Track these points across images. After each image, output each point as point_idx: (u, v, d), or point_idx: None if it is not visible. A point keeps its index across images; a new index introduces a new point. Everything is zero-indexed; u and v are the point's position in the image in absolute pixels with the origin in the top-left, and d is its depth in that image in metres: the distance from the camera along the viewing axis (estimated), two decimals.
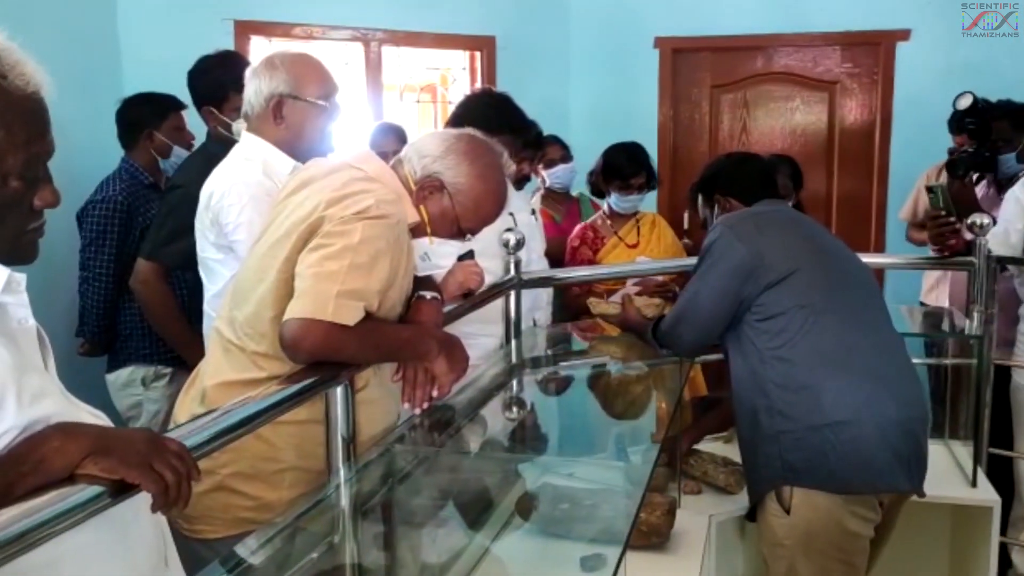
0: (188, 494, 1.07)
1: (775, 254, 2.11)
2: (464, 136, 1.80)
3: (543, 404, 2.57)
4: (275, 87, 2.06)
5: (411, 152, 1.79)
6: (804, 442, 2.03)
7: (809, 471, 2.03)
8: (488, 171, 1.77)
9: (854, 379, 2.02)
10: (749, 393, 2.12)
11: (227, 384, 1.64)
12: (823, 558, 2.06)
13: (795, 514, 2.05)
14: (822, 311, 2.05)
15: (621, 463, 2.32)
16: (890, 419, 2.02)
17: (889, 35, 4.39)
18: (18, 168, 1.01)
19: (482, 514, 2.03)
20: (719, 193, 2.36)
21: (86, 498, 0.99)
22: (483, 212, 1.78)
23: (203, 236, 2.16)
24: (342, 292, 1.52)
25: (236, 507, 1.66)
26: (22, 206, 1.03)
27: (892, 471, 2.03)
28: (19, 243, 1.05)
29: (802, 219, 2.36)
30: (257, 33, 4.01)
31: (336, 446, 1.60)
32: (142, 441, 1.06)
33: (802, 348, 2.04)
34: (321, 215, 1.59)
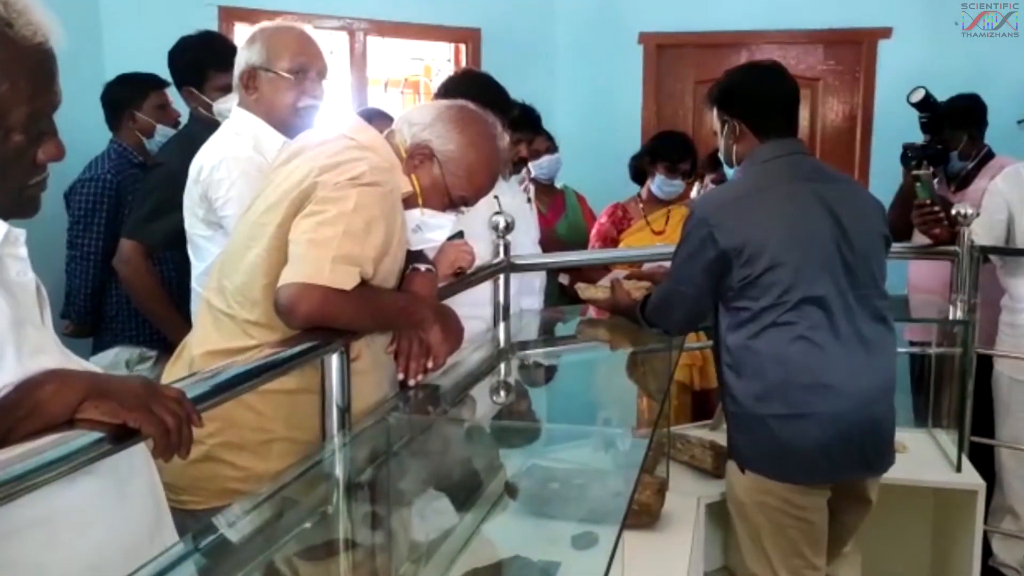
0: (189, 438, 1.05)
1: (757, 245, 2.01)
2: (455, 105, 1.78)
3: (530, 387, 2.57)
4: (250, 58, 2.06)
5: (401, 122, 1.78)
6: (747, 426, 2.08)
7: (749, 453, 2.10)
8: (479, 139, 1.75)
9: (808, 376, 2.01)
10: (720, 365, 2.16)
11: (216, 352, 1.61)
12: (777, 514, 2.09)
13: (748, 475, 2.11)
14: (794, 305, 2.01)
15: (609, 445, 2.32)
16: (841, 410, 2.02)
17: (871, 33, 4.44)
18: (21, 122, 0.98)
19: (471, 494, 2.02)
20: (731, 114, 2.16)
21: (86, 443, 0.97)
22: (475, 181, 1.76)
23: (191, 212, 2.13)
24: (338, 257, 1.51)
25: (224, 478, 1.63)
26: (24, 160, 1.01)
27: (833, 466, 2.05)
28: (21, 197, 1.03)
29: (812, 176, 2.15)
30: (241, 20, 3.97)
31: (331, 414, 1.58)
32: (139, 385, 1.04)
33: (761, 339, 2.03)
34: (314, 181, 1.58)
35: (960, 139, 3.35)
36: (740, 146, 2.17)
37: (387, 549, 1.71)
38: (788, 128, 2.16)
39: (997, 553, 3.04)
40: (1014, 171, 3.01)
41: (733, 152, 2.19)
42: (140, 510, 1.15)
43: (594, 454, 2.28)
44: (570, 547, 1.82)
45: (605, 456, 2.29)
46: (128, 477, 1.12)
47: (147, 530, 1.16)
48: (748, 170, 2.15)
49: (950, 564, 2.74)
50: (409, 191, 1.73)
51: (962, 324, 2.67)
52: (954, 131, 3.33)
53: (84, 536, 1.04)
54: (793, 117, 2.19)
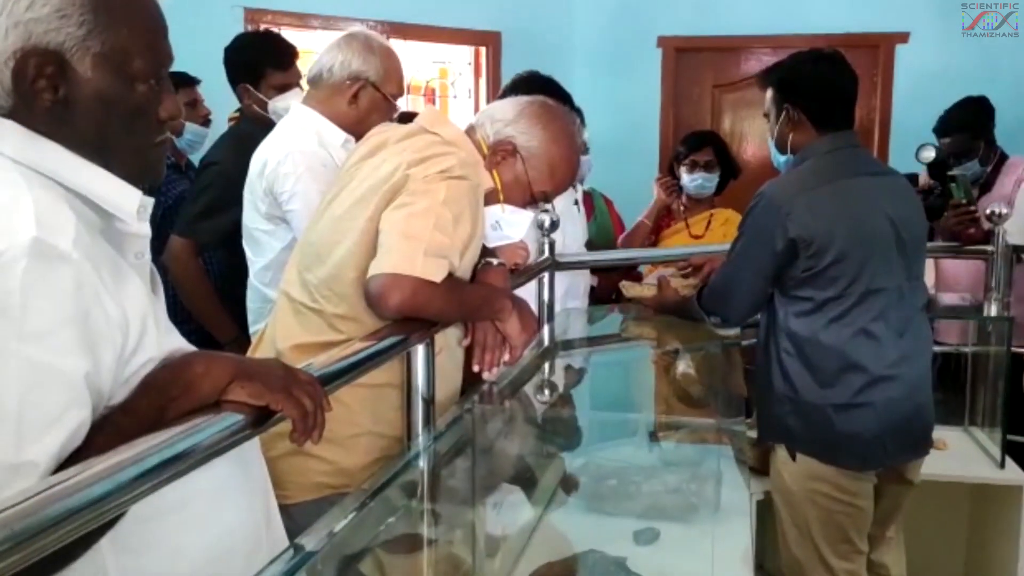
0: (323, 423, 1.05)
1: (823, 239, 2.02)
2: (536, 101, 1.79)
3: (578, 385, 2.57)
4: (365, 70, 2.06)
5: (483, 118, 1.79)
6: (805, 413, 2.09)
7: (807, 440, 2.11)
8: (561, 135, 1.76)
9: (866, 366, 2.05)
10: (768, 349, 2.16)
11: (304, 346, 1.62)
12: (827, 500, 2.11)
13: (800, 461, 2.12)
14: (855, 299, 2.05)
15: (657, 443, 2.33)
16: (891, 403, 2.06)
17: (888, 37, 4.48)
18: (144, 71, 0.96)
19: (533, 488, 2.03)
20: (793, 102, 2.13)
21: (232, 425, 0.97)
22: (557, 176, 1.78)
23: (253, 206, 2.13)
24: (429, 249, 1.51)
25: (313, 471, 1.62)
26: (149, 115, 0.98)
27: (885, 452, 2.10)
28: (148, 158, 1.01)
29: (870, 171, 2.17)
30: (267, 22, 3.97)
31: (417, 407, 1.58)
32: (280, 367, 1.04)
33: (824, 332, 2.06)
34: (405, 174, 1.58)
35: (979, 148, 3.40)
36: (797, 135, 2.15)
37: (467, 541, 1.71)
38: (847, 121, 2.16)
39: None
40: None
41: (788, 140, 2.17)
42: (259, 496, 1.15)
43: (644, 452, 2.29)
44: (632, 543, 1.84)
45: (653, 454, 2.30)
46: (251, 463, 1.13)
47: (263, 516, 1.16)
48: (812, 161, 2.14)
49: (987, 561, 2.77)
50: (491, 187, 1.74)
51: (1003, 321, 2.69)
52: (974, 141, 3.38)
53: (216, 519, 1.05)
54: (852, 110, 2.18)
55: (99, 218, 0.96)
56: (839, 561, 2.14)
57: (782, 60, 2.25)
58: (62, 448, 0.83)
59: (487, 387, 1.83)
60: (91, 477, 0.78)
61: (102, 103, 0.94)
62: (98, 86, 0.93)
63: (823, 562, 2.15)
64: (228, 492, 1.07)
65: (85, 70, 0.92)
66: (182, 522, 1.00)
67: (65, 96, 0.92)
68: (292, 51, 2.67)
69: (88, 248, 0.88)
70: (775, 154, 2.27)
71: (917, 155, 3.28)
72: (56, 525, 0.72)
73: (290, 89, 2.56)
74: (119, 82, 0.94)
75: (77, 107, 0.93)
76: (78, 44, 0.91)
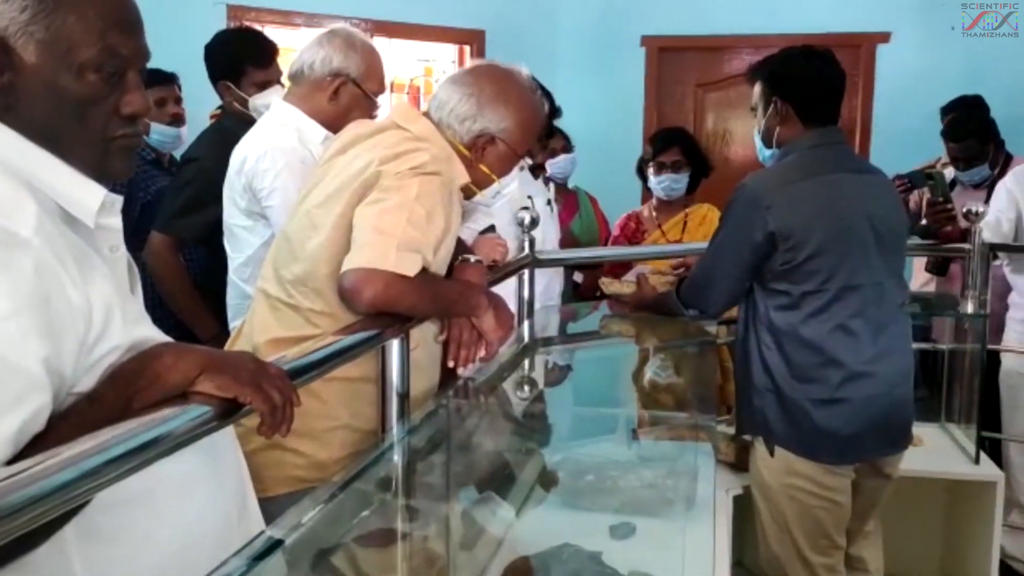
0: (292, 417, 1.06)
1: (798, 234, 2.04)
2: (484, 79, 1.77)
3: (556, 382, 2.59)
4: (346, 67, 2.06)
5: (447, 118, 1.75)
6: (785, 408, 2.11)
7: (785, 433, 2.12)
8: (520, 96, 1.78)
9: (845, 361, 2.07)
10: (747, 342, 2.18)
11: (280, 341, 1.62)
12: (806, 496, 2.13)
13: (778, 457, 2.14)
14: (834, 294, 2.06)
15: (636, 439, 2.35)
16: (870, 399, 2.08)
17: (870, 37, 4.52)
18: (93, 61, 0.95)
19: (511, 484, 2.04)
20: (781, 95, 2.15)
21: (198, 417, 0.97)
22: (532, 132, 1.84)
23: (232, 202, 2.13)
24: (402, 244, 1.52)
25: (289, 465, 1.63)
26: (105, 106, 0.98)
27: (863, 447, 2.12)
28: (106, 151, 0.99)
29: (850, 167, 2.19)
30: (249, 19, 3.97)
31: (391, 402, 1.59)
32: (250, 361, 1.05)
33: (804, 327, 2.08)
34: (377, 170, 1.59)
35: (988, 153, 3.45)
36: (784, 129, 2.16)
37: (442, 535, 1.72)
38: (833, 117, 2.18)
39: (1005, 546, 3.08)
40: (1022, 170, 3.11)
41: (775, 134, 2.19)
42: (230, 487, 1.16)
43: (622, 448, 2.31)
44: (608, 537, 1.85)
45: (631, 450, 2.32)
46: (222, 454, 1.13)
47: (236, 508, 1.16)
48: (795, 155, 2.16)
49: (963, 556, 2.79)
50: (466, 181, 1.75)
51: (977, 318, 2.72)
52: (983, 146, 3.44)
53: (184, 510, 1.05)
54: (839, 106, 2.20)
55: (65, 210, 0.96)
56: (817, 556, 2.16)
57: (773, 55, 2.26)
58: (20, 431, 0.83)
59: (463, 382, 1.84)
60: (55, 465, 0.79)
61: (48, 91, 0.94)
62: (43, 73, 0.93)
63: (801, 557, 2.17)
64: (197, 483, 1.07)
65: (29, 56, 0.92)
66: (149, 512, 1.00)
67: (10, 82, 0.92)
68: (272, 48, 2.67)
69: (51, 236, 0.89)
70: (760, 148, 2.28)
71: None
72: (18, 512, 0.73)
73: (271, 86, 2.56)
74: (65, 70, 0.94)
75: (23, 93, 0.93)
76: (21, 29, 0.91)
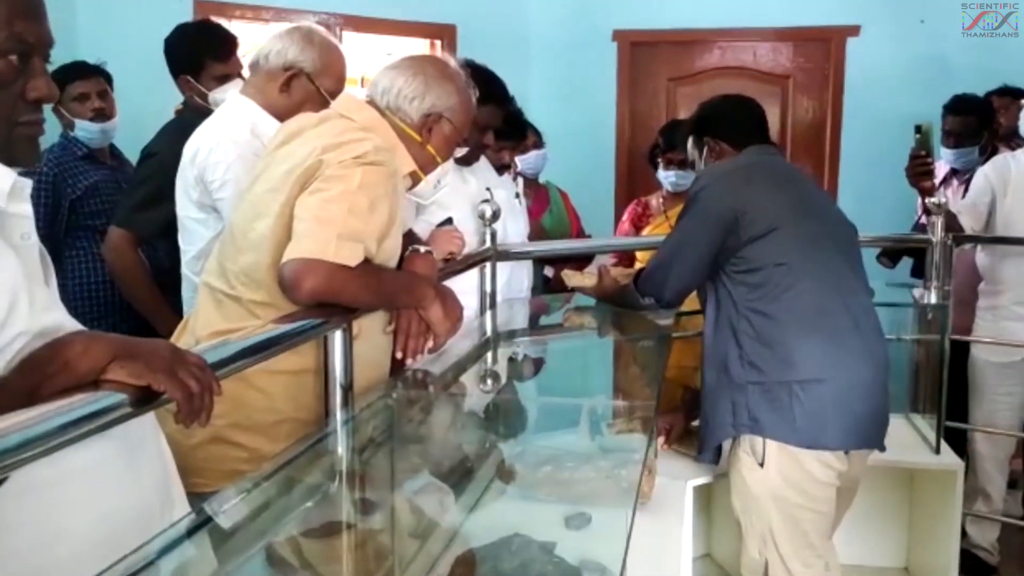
0: (211, 406, 1.05)
1: (759, 209, 2.12)
2: (424, 62, 1.82)
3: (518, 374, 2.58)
4: (300, 60, 2.06)
5: (392, 102, 1.76)
6: (771, 395, 2.10)
7: (773, 424, 2.11)
8: (459, 78, 1.82)
9: (825, 340, 2.09)
10: (722, 341, 2.18)
11: (222, 333, 1.61)
12: (793, 507, 2.13)
13: (768, 466, 2.12)
14: (801, 271, 2.10)
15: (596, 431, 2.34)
16: (855, 381, 2.10)
17: (839, 31, 4.52)
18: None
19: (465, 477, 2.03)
20: (710, 135, 2.31)
21: (107, 405, 0.96)
22: (470, 114, 1.86)
23: (185, 194, 2.12)
24: (343, 234, 1.51)
25: (232, 459, 1.62)
26: (10, 91, 0.98)
27: (851, 430, 2.12)
28: (12, 136, 0.99)
29: (792, 173, 2.36)
30: (216, 13, 3.93)
31: (334, 393, 1.58)
32: (166, 348, 1.04)
33: (778, 304, 2.09)
34: (319, 159, 1.58)
35: (983, 136, 3.48)
36: (720, 161, 2.29)
37: (387, 528, 1.71)
38: (763, 138, 2.32)
39: (971, 535, 3.11)
40: (1003, 158, 3.15)
41: None
42: (149, 479, 1.14)
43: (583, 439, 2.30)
44: (564, 527, 1.84)
45: (593, 441, 2.31)
46: (139, 445, 1.11)
47: (157, 500, 1.15)
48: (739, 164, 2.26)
49: (928, 545, 2.81)
50: (411, 170, 1.74)
51: (938, 309, 2.73)
52: (980, 127, 3.46)
53: (95, 500, 1.03)
54: (766, 130, 2.36)
55: None
56: (802, 568, 2.15)
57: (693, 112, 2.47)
58: None
59: (411, 373, 1.83)
60: None
61: None
62: None
63: (785, 568, 2.16)
64: (112, 473, 1.06)
65: None
66: (58, 501, 0.99)
67: None
68: (232, 41, 2.65)
69: None
70: None
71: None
72: None
73: (231, 80, 2.54)
74: None
75: None
76: None
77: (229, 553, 1.30)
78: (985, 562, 3.12)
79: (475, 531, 1.82)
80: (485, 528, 1.86)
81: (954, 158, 3.50)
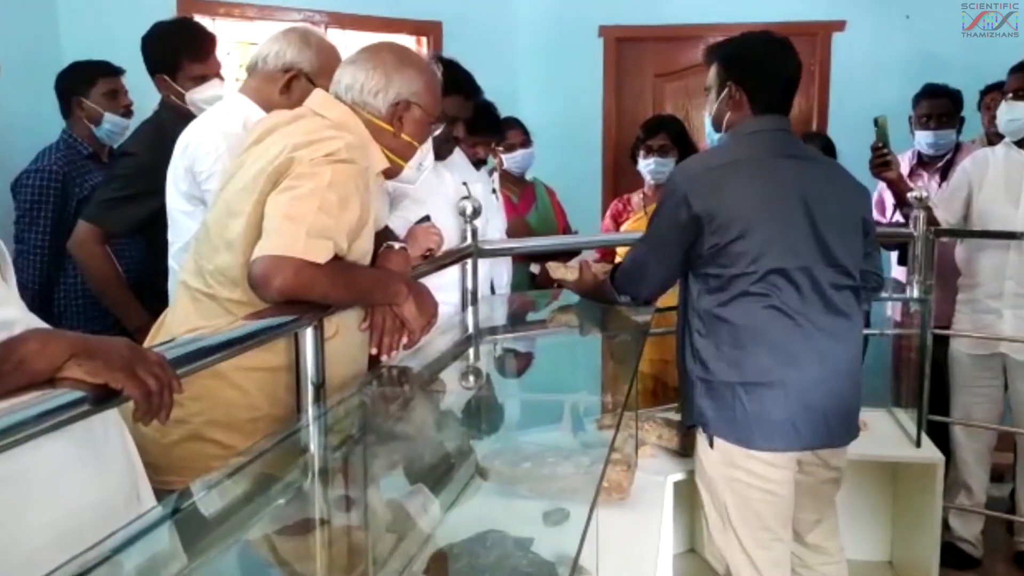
0: (170, 404, 1.05)
1: (727, 216, 2.03)
2: (380, 52, 1.82)
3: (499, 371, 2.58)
4: (299, 61, 2.07)
5: (359, 98, 1.76)
6: (716, 393, 2.11)
7: (717, 421, 2.12)
8: (419, 60, 1.85)
9: (774, 344, 2.06)
10: (681, 333, 2.20)
11: (197, 329, 1.61)
12: (745, 488, 2.13)
13: (717, 448, 2.14)
14: (760, 277, 2.04)
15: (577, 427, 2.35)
16: (807, 382, 2.06)
17: (825, 26, 4.52)
18: None
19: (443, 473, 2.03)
20: (736, 80, 2.14)
21: (66, 402, 0.96)
22: (437, 94, 1.85)
23: (174, 186, 2.13)
24: (312, 230, 1.52)
25: (209, 456, 1.62)
26: None
27: (798, 436, 2.08)
28: None
29: (784, 164, 2.13)
30: (200, 11, 3.93)
31: (306, 390, 1.58)
32: (124, 347, 1.04)
33: (730, 308, 2.07)
34: (290, 156, 1.58)
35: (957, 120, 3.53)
36: (733, 113, 2.17)
37: (362, 525, 1.71)
38: (782, 106, 2.17)
39: (954, 528, 3.13)
40: (982, 153, 3.18)
41: (724, 117, 2.19)
42: (114, 477, 1.14)
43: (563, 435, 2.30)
44: (542, 523, 1.84)
45: (574, 437, 2.31)
46: (103, 443, 1.12)
47: (122, 498, 1.15)
48: (730, 140, 2.17)
49: (911, 538, 2.82)
50: (385, 166, 1.75)
51: (920, 302, 2.74)
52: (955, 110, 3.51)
53: (56, 497, 1.04)
54: (790, 96, 2.20)
55: None
56: (758, 550, 2.15)
57: (732, 37, 2.25)
58: None
59: (387, 370, 1.83)
60: None
61: None
62: None
63: (743, 550, 2.16)
64: (73, 470, 1.06)
65: None
66: (17, 498, 0.99)
67: None
68: (211, 40, 2.64)
69: None
70: (710, 131, 2.28)
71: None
72: None
73: (208, 80, 2.54)
74: None
75: None
76: None
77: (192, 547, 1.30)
78: (969, 555, 3.13)
79: (452, 528, 1.82)
80: (462, 524, 1.87)
81: (933, 139, 3.51)
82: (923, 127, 3.52)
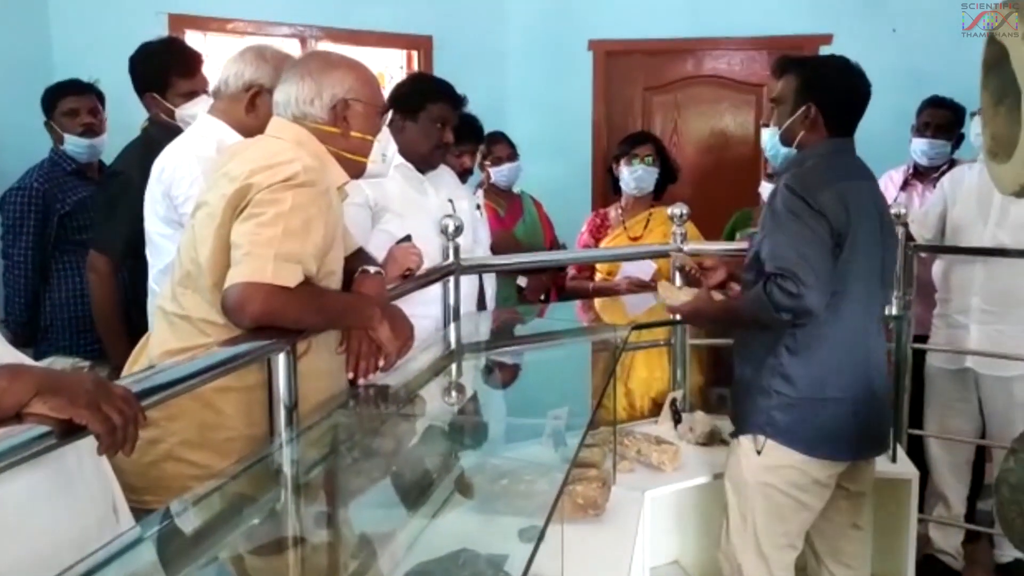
0: (135, 437, 1.08)
1: (847, 231, 2.07)
2: (303, 62, 1.87)
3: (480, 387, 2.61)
4: (258, 78, 2.10)
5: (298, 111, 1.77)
6: (795, 408, 2.17)
7: (789, 431, 2.17)
8: (341, 58, 1.86)
9: (853, 363, 2.17)
10: (761, 345, 2.20)
11: (173, 352, 1.65)
12: (777, 493, 2.19)
13: (765, 455, 2.19)
14: (852, 299, 2.12)
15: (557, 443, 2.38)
16: (866, 398, 2.19)
17: (812, 40, 4.55)
18: None
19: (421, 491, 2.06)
20: (817, 102, 2.16)
21: (32, 437, 1.00)
22: (373, 83, 1.85)
23: (152, 210, 2.17)
24: (279, 255, 1.55)
25: (184, 476, 1.65)
26: None
27: (856, 444, 2.22)
28: None
29: (859, 188, 2.18)
30: (192, 27, 3.98)
31: (279, 413, 1.61)
32: (90, 382, 1.07)
33: (825, 328, 2.11)
34: (248, 182, 1.61)
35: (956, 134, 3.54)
36: (808, 133, 2.20)
37: (335, 545, 1.74)
38: (853, 130, 2.24)
39: (934, 540, 3.15)
40: (959, 169, 3.23)
41: (798, 135, 2.21)
42: (89, 506, 1.17)
43: (542, 451, 2.34)
44: (517, 540, 1.88)
45: (553, 453, 2.35)
46: (75, 468, 1.15)
47: (97, 526, 1.18)
48: (815, 161, 2.18)
49: (889, 552, 2.84)
50: (344, 180, 1.78)
51: (896, 319, 2.77)
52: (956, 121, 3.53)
53: (26, 526, 1.06)
54: (859, 121, 2.25)
55: None
56: (774, 552, 2.23)
57: (812, 57, 2.34)
58: None
59: (365, 389, 1.87)
60: None
61: None
62: None
63: (758, 551, 2.23)
64: (45, 502, 1.09)
65: None
66: None
67: None
68: (197, 58, 2.68)
69: None
70: (773, 142, 2.28)
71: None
72: None
73: (197, 96, 2.58)
74: None
75: None
76: None
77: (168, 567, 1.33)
78: (949, 567, 3.15)
79: (427, 545, 1.86)
80: (437, 542, 1.90)
81: (928, 147, 3.52)
82: (920, 134, 3.54)
